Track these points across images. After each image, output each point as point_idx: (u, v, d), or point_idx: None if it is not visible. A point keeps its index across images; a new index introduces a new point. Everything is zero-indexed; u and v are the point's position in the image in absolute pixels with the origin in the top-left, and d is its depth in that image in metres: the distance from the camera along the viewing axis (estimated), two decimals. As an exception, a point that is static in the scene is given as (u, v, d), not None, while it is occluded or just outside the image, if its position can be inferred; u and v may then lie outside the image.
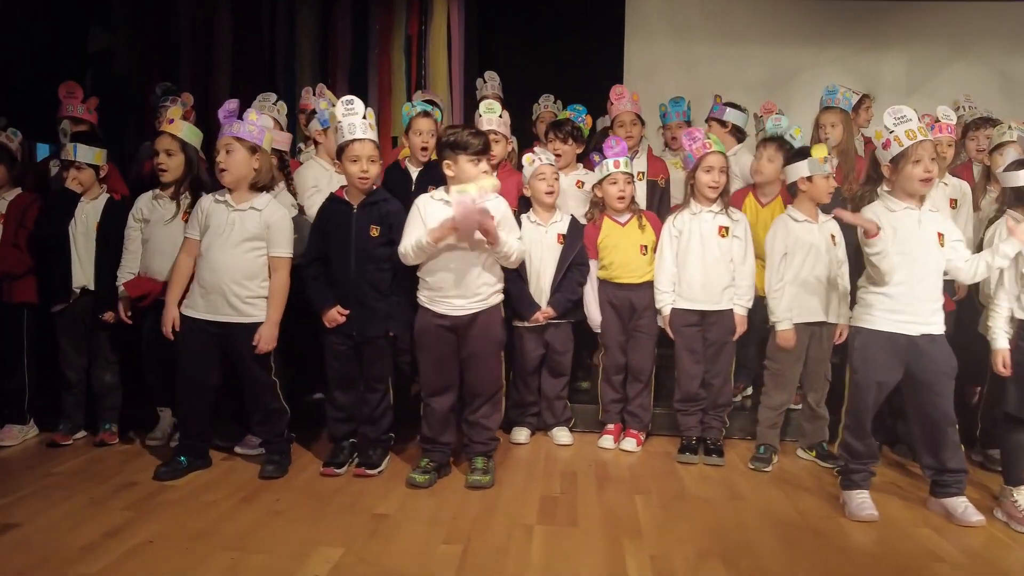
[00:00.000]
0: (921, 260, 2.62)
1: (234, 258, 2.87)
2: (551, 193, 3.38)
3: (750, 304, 3.25)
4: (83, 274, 3.32)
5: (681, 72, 5.28)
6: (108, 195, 3.39)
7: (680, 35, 5.32)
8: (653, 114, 4.34)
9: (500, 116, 3.64)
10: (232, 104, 2.94)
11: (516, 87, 4.83)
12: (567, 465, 3.21)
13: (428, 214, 2.83)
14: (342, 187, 3.08)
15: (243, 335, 2.89)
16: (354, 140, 2.88)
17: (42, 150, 4.77)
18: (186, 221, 3.22)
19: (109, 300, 3.28)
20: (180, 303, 2.95)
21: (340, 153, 2.93)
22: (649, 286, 3.36)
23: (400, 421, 3.19)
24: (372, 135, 2.94)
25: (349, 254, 2.94)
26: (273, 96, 4.31)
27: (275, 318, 2.90)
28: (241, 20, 5.10)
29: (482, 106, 3.67)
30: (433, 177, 3.56)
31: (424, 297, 2.89)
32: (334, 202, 3.00)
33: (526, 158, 3.48)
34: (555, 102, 4.71)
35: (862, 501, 2.66)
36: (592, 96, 4.48)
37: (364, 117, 2.92)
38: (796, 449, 3.35)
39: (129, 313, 3.26)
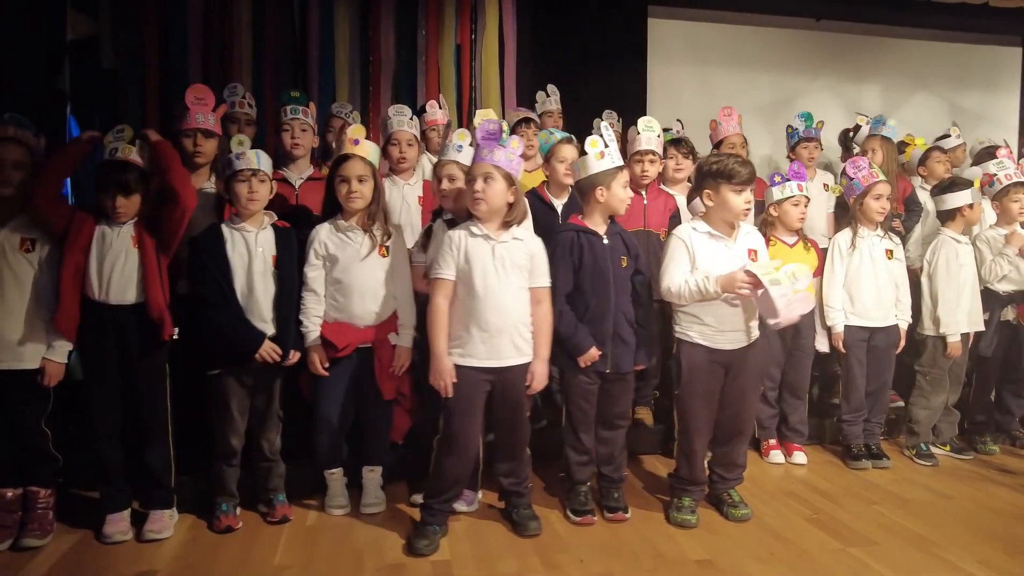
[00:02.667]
0: None
1: (514, 295, 2.59)
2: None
3: (910, 320, 3.56)
4: (264, 322, 2.73)
5: (698, 94, 5.53)
6: (272, 223, 2.84)
7: (697, 60, 5.56)
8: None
9: (659, 136, 3.59)
10: (492, 125, 2.63)
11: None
12: (767, 484, 3.27)
13: (698, 250, 2.76)
14: (576, 215, 2.90)
15: (520, 377, 2.62)
16: (623, 167, 2.76)
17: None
18: (384, 255, 2.84)
19: (294, 343, 2.77)
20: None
21: (602, 179, 2.76)
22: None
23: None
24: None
25: (608, 287, 2.78)
26: (348, 106, 3.92)
27: (547, 354, 2.66)
28: (264, 10, 4.47)
29: (641, 123, 3.58)
30: (578, 208, 3.44)
31: (695, 333, 2.80)
32: (581, 232, 2.80)
33: None
34: (618, 119, 4.72)
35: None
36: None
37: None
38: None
39: (327, 365, 2.78)
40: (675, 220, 3.58)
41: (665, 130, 3.94)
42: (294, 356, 2.76)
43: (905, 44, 5.84)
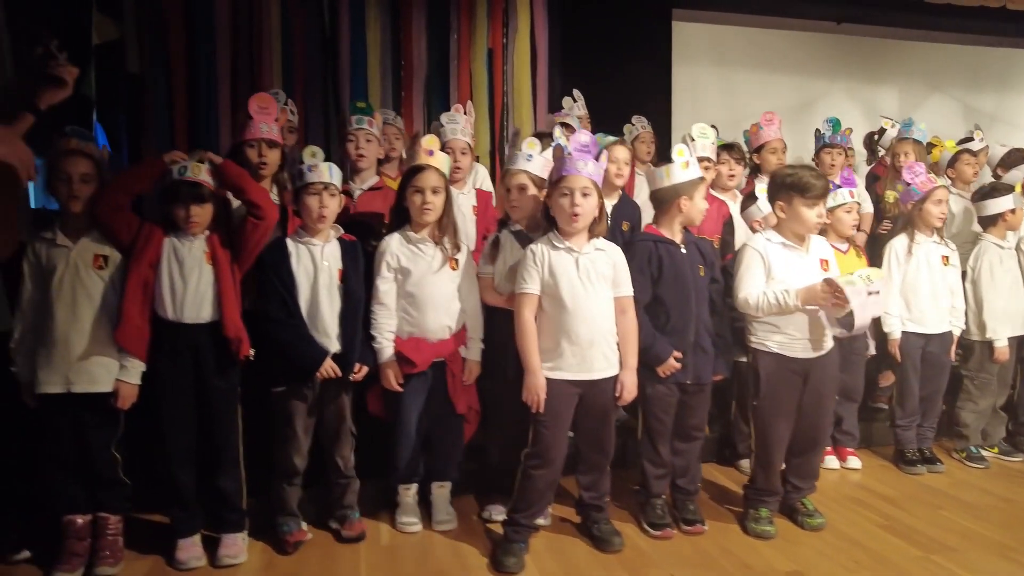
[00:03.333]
0: None
1: (601, 305, 2.55)
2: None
3: (964, 327, 3.58)
4: (328, 337, 2.66)
5: (721, 96, 5.55)
6: (339, 236, 2.76)
7: (720, 62, 5.59)
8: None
9: (712, 143, 3.56)
10: (585, 136, 2.58)
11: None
12: (828, 490, 3.23)
13: (773, 260, 2.74)
14: (650, 224, 2.87)
15: (608, 388, 2.58)
16: (704, 178, 2.78)
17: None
18: (454, 268, 2.79)
19: (361, 358, 2.69)
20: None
21: (686, 189, 2.74)
22: (864, 311, 3.54)
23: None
24: (701, 171, 2.80)
25: (689, 297, 2.75)
26: (391, 113, 3.86)
27: (635, 364, 2.62)
28: (293, 15, 4.38)
29: (695, 130, 3.54)
30: (627, 210, 3.42)
31: (774, 343, 2.78)
32: (659, 242, 2.77)
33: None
34: (646, 124, 4.70)
35: None
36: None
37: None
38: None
39: (401, 381, 2.72)
40: (728, 227, 3.58)
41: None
42: (360, 371, 2.70)
43: (922, 47, 5.92)
